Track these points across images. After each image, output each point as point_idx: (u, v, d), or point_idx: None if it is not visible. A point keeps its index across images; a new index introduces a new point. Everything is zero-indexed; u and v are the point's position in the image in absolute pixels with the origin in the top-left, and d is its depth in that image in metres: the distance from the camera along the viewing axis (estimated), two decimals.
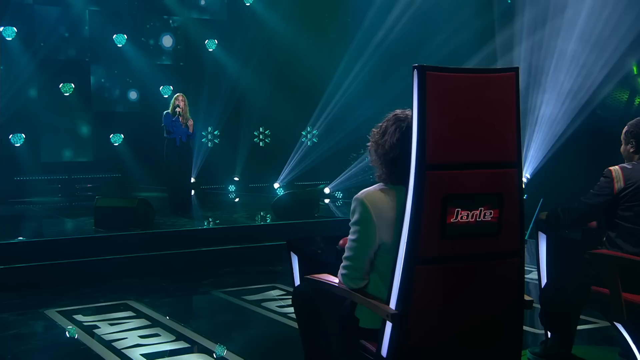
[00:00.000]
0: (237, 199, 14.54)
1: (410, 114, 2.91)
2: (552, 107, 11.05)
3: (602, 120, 10.60)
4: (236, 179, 15.60)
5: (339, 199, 13.58)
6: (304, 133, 15.81)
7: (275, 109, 15.21)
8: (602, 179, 4.13)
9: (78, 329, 5.98)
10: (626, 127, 4.29)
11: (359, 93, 14.52)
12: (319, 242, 3.71)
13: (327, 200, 13.10)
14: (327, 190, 13.87)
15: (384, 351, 2.83)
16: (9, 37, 13.27)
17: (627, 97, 11.09)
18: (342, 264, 3.02)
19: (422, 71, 2.74)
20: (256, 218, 10.72)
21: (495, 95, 2.89)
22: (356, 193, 2.96)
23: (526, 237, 2.97)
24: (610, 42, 10.21)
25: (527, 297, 3.00)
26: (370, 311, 2.94)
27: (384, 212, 2.91)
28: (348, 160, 15.03)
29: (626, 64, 10.62)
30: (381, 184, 3.01)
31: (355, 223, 2.94)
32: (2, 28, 13.21)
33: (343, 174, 14.31)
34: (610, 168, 4.11)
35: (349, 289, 2.98)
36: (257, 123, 15.99)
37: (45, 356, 5.45)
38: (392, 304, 2.78)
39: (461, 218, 2.78)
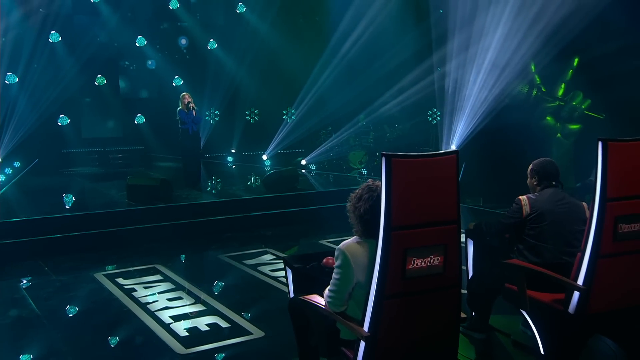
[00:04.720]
0: (234, 167, 14.55)
1: (379, 184, 2.98)
2: (474, 100, 11.17)
3: (509, 108, 10.75)
4: (233, 150, 15.57)
5: (313, 170, 13.63)
6: (284, 112, 15.76)
7: (263, 96, 15.17)
8: (514, 205, 4.19)
9: (120, 291, 5.97)
10: (531, 165, 4.31)
11: (329, 88, 14.48)
12: (307, 259, 3.77)
13: (303, 171, 13.15)
14: (303, 162, 13.92)
15: (359, 359, 2.97)
16: (55, 41, 13.00)
17: (527, 89, 11.25)
18: (327, 293, 3.08)
19: (389, 158, 2.82)
20: (251, 191, 10.72)
21: (441, 171, 2.98)
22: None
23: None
24: (518, 52, 10.30)
25: (462, 315, 3.13)
26: None
27: (360, 259, 2.98)
28: (320, 136, 15.09)
29: (528, 65, 10.74)
30: (357, 237, 3.08)
31: (338, 267, 3.01)
32: (50, 38, 12.97)
33: (316, 150, 14.35)
34: (520, 197, 4.18)
35: (332, 312, 3.07)
36: (248, 105, 15.88)
37: (96, 318, 5.40)
38: (366, 327, 2.89)
39: (417, 265, 2.89)
